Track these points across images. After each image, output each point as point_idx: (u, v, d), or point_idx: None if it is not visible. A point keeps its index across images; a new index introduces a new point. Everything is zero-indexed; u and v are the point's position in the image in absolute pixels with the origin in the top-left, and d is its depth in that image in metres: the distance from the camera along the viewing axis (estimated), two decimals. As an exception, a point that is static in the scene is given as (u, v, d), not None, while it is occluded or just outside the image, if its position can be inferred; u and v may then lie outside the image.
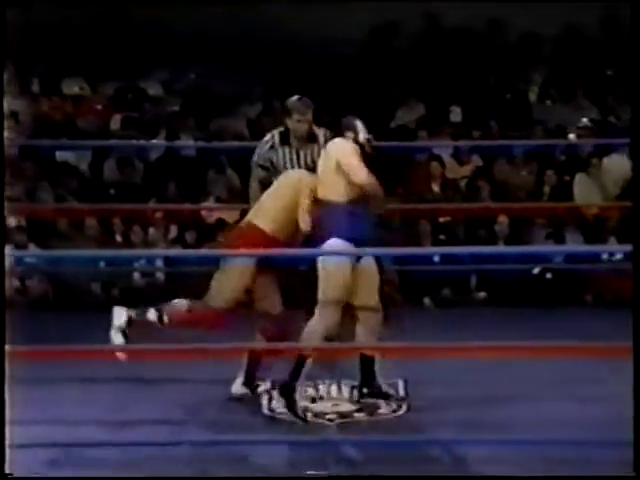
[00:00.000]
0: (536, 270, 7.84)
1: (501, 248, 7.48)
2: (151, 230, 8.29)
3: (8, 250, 5.47)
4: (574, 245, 7.86)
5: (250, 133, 9.24)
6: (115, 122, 9.44)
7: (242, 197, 8.56)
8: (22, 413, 5.08)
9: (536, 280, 7.88)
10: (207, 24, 9.84)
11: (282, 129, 5.70)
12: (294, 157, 5.70)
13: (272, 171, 5.73)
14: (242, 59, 9.77)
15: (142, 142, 8.84)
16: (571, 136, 8.94)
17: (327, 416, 5.25)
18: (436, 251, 7.40)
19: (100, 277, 8.08)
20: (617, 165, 8.81)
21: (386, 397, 5.42)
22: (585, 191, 8.57)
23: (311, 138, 5.71)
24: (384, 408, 5.38)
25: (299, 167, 5.68)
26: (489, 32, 10.10)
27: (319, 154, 5.56)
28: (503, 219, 8.19)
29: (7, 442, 3.91)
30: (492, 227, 8.26)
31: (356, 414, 5.35)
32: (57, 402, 5.47)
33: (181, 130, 9.16)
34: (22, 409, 5.18)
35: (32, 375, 5.17)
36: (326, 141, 5.61)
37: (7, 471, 4.01)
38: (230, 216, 8.42)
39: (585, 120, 9.25)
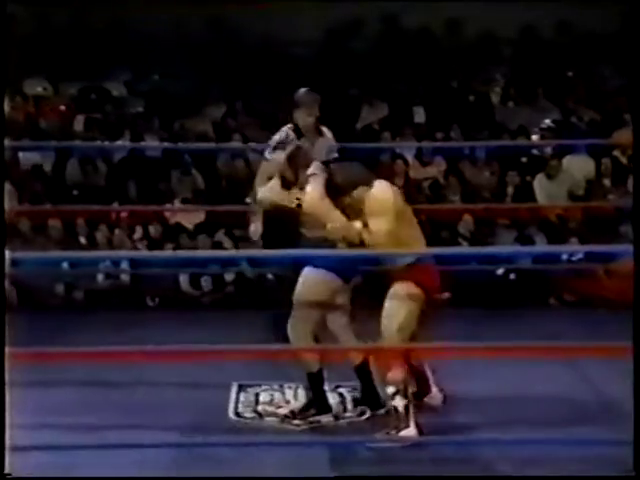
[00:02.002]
0: (500, 271, 7.89)
1: (467, 249, 7.53)
2: (116, 231, 8.26)
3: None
4: (541, 246, 7.92)
5: (215, 134, 9.23)
6: (78, 123, 9.39)
7: (207, 198, 8.60)
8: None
9: (500, 281, 7.93)
10: (170, 26, 9.82)
11: (292, 125, 5.61)
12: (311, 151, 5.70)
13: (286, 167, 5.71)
14: (204, 60, 9.76)
15: (105, 143, 8.80)
16: (534, 137, 9.02)
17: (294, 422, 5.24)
18: (399, 253, 7.40)
19: (63, 279, 8.04)
20: (578, 166, 8.89)
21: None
22: (545, 192, 8.64)
23: (320, 132, 5.70)
24: (350, 412, 5.38)
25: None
26: (449, 33, 10.16)
27: (328, 149, 5.54)
28: (468, 218, 8.23)
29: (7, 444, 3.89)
30: (455, 228, 8.30)
31: (321, 418, 5.35)
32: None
33: (145, 131, 9.14)
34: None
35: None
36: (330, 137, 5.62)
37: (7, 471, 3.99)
38: (194, 218, 8.42)
39: (547, 121, 9.33)
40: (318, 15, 9.82)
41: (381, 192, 4.98)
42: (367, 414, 5.29)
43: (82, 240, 8.22)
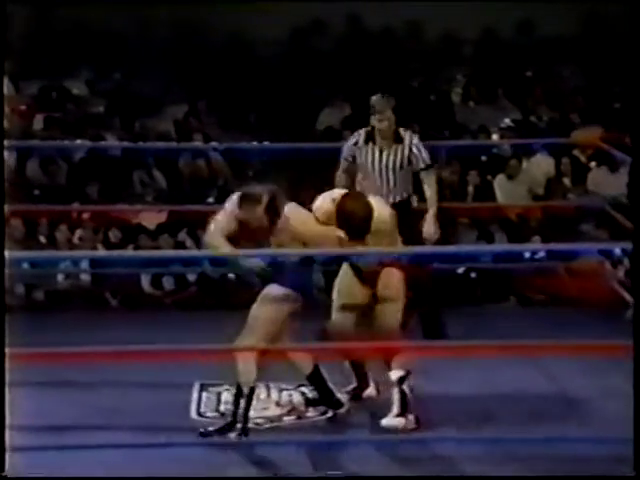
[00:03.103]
0: (460, 270, 7.92)
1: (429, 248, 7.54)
2: (77, 231, 8.22)
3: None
4: (502, 244, 7.96)
5: (177, 133, 9.21)
6: (38, 122, 9.33)
7: (168, 198, 8.57)
8: None
9: (461, 279, 7.97)
10: (133, 24, 9.79)
11: (369, 128, 5.78)
12: (376, 156, 5.71)
13: (356, 166, 5.81)
14: (167, 59, 9.73)
15: (65, 142, 8.75)
16: (494, 137, 9.07)
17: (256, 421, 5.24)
18: (362, 252, 7.41)
19: (23, 279, 7.99)
20: (539, 165, 8.95)
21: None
22: (505, 192, 8.69)
23: (397, 139, 5.73)
24: (312, 411, 5.39)
25: (380, 167, 5.72)
26: (409, 33, 10.20)
27: (404, 156, 5.52)
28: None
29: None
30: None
31: (285, 418, 5.36)
32: None
33: (106, 130, 9.10)
34: None
35: None
36: (411, 144, 5.67)
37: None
38: (155, 218, 8.39)
39: (507, 120, 9.38)
40: (282, 15, 9.83)
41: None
42: (329, 413, 5.31)
43: (42, 240, 8.17)
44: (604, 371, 5.44)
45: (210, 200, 7.99)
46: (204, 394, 5.60)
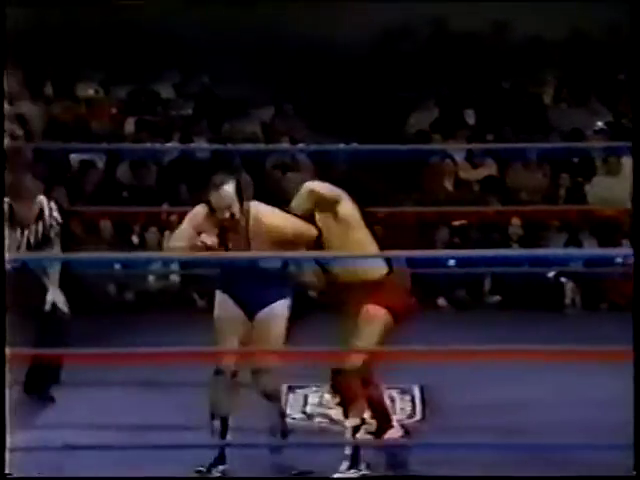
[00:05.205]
0: (551, 274, 7.82)
1: (511, 250, 7.47)
2: (166, 233, 8.29)
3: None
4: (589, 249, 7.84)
5: (264, 135, 9.25)
6: (129, 125, 9.45)
7: (256, 199, 8.59)
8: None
9: (551, 284, 7.87)
10: (219, 28, 9.85)
11: None
12: None
13: None
14: (253, 62, 9.77)
15: (156, 145, 8.84)
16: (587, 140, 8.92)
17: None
18: (450, 254, 7.37)
19: (115, 280, 8.08)
20: (630, 169, 8.78)
21: None
22: (605, 190, 8.50)
23: None
24: (399, 414, 5.34)
25: None
26: (499, 35, 10.10)
27: None
28: (516, 221, 8.17)
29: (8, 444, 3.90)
30: (506, 230, 8.24)
31: (372, 420, 5.31)
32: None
33: (194, 133, 9.17)
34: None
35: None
36: None
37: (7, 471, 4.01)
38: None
39: (600, 124, 9.23)
40: (367, 17, 9.81)
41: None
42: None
43: (134, 241, 8.26)
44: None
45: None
46: (291, 396, 5.59)
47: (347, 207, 4.76)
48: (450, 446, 4.70)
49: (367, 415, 4.70)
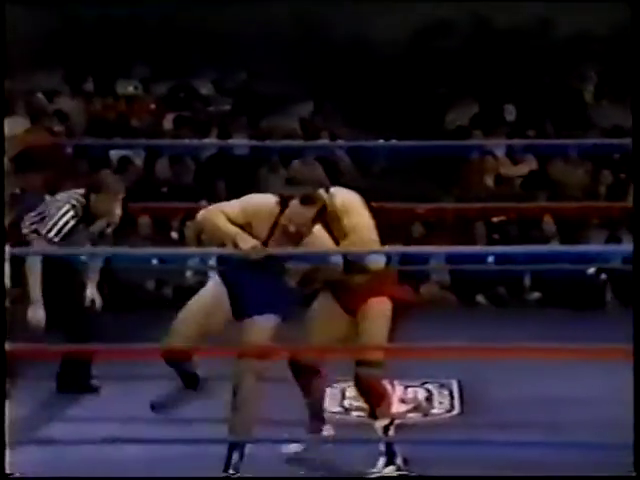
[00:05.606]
0: (591, 270, 7.74)
1: (548, 247, 7.39)
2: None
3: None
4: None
5: (302, 131, 9.24)
6: (168, 121, 9.48)
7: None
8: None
9: (591, 281, 7.79)
10: (257, 24, 9.86)
11: None
12: None
13: None
14: (292, 58, 9.77)
15: (194, 141, 8.86)
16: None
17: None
18: (489, 251, 7.30)
19: (153, 275, 8.10)
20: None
21: None
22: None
23: None
24: (437, 408, 5.34)
25: None
26: (540, 31, 10.02)
27: None
28: (548, 219, 8.10)
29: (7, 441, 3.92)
30: (545, 227, 8.18)
31: (410, 414, 5.31)
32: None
33: (233, 129, 9.18)
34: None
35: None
36: None
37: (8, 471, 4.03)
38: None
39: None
40: (407, 13, 9.78)
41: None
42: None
43: (173, 236, 8.27)
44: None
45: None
46: (329, 390, 5.57)
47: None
48: (482, 443, 4.68)
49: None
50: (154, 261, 7.81)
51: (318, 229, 4.49)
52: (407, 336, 5.30)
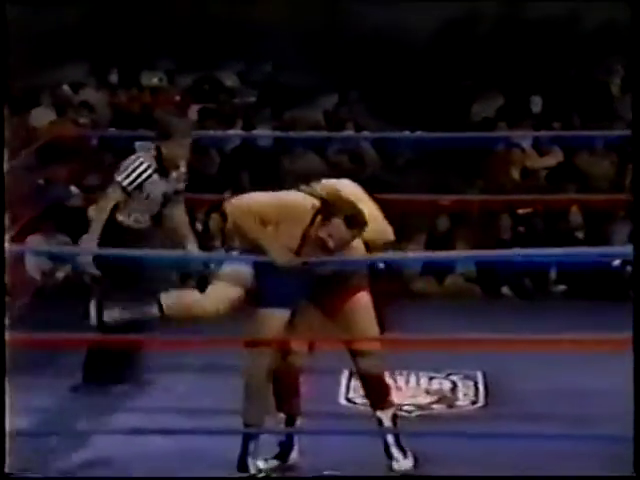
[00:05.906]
0: (616, 263, 7.68)
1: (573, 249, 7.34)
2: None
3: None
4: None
5: (326, 123, 9.22)
6: (192, 113, 9.48)
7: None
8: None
9: (617, 273, 7.73)
10: (282, 16, 9.85)
11: None
12: None
13: None
14: (317, 50, 9.76)
15: (219, 132, 8.85)
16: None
17: (405, 408, 5.19)
18: (514, 254, 7.21)
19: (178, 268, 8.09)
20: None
21: None
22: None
23: None
24: (462, 400, 5.32)
25: None
26: (567, 22, 9.97)
27: None
28: (575, 210, 8.06)
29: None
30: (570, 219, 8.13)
31: (434, 406, 5.30)
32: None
33: (257, 121, 9.17)
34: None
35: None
36: None
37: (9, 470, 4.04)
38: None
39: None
40: (433, 4, 9.74)
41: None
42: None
43: (198, 227, 8.27)
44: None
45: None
46: (353, 381, 5.56)
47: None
48: (508, 436, 4.65)
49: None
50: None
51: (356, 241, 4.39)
52: (432, 328, 5.31)
